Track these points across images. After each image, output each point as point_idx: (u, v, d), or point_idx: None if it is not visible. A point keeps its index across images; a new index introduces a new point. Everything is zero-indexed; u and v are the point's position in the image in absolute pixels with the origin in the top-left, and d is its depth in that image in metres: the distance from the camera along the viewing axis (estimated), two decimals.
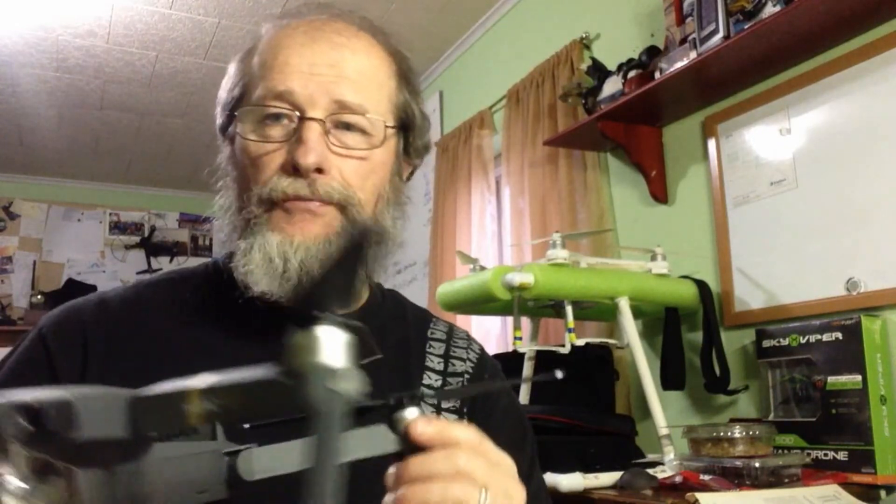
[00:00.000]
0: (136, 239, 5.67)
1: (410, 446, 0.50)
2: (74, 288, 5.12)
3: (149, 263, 5.66)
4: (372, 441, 0.49)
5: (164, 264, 5.66)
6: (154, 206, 5.75)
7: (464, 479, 0.50)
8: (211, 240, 5.93)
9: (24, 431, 0.33)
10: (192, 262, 5.61)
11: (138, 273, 5.51)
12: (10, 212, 5.31)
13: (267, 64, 0.73)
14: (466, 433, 0.53)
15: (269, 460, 0.48)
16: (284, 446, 0.49)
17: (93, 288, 5.07)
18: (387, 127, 0.76)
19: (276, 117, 0.72)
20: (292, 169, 0.71)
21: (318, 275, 0.39)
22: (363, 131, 0.74)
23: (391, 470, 0.51)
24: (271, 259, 0.70)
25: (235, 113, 0.75)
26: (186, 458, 0.45)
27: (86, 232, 5.51)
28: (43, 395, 0.34)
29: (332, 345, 0.38)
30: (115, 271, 5.51)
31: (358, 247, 0.37)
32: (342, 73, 0.73)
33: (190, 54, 3.51)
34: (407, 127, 0.80)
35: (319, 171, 0.71)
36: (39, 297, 5.11)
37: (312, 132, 0.71)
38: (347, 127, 0.73)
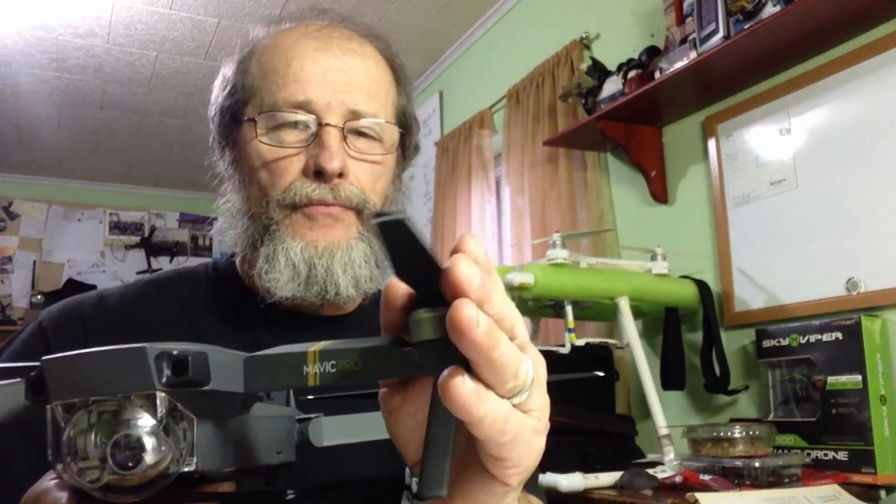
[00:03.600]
0: (136, 239, 5.68)
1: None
2: (74, 288, 5.11)
3: (149, 263, 5.66)
4: None
5: (164, 264, 5.66)
6: (154, 206, 5.75)
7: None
8: (211, 240, 5.93)
9: (169, 378, 0.36)
10: (192, 262, 5.63)
11: (138, 273, 5.51)
12: (10, 212, 5.31)
13: (279, 70, 0.73)
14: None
15: (337, 429, 0.50)
16: (352, 418, 0.50)
17: (93, 288, 5.05)
18: (396, 131, 0.78)
19: (293, 123, 0.73)
20: (314, 174, 0.72)
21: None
22: (375, 137, 0.76)
23: (469, 271, 0.36)
24: (295, 265, 0.71)
25: (244, 118, 0.75)
26: (271, 420, 0.47)
27: (86, 232, 5.51)
28: (182, 346, 0.37)
29: None
30: (115, 271, 5.51)
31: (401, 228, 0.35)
32: (354, 79, 0.74)
33: (190, 54, 3.51)
34: (405, 130, 0.81)
35: (340, 175, 0.72)
36: (39, 297, 5.11)
37: (333, 138, 0.72)
38: (360, 133, 0.75)
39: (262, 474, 0.49)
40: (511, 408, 0.36)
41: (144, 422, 0.35)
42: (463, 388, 0.34)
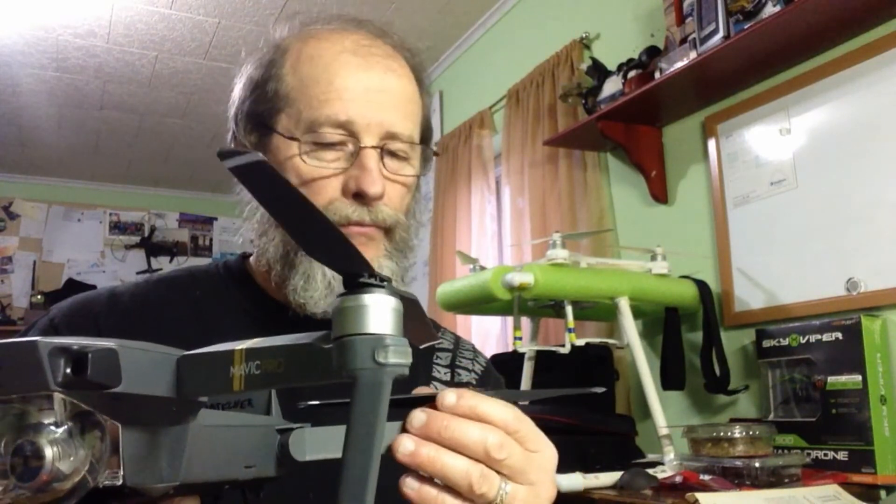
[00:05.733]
0: (136, 239, 5.68)
1: None
2: (74, 288, 5.11)
3: (149, 263, 5.66)
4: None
5: (164, 264, 5.66)
6: (154, 206, 5.75)
7: (491, 463, 0.46)
8: (211, 240, 5.93)
9: (66, 377, 0.31)
10: (192, 262, 5.62)
11: (138, 273, 5.51)
12: (10, 212, 5.31)
13: (321, 85, 0.73)
14: (504, 412, 0.47)
15: (324, 442, 0.45)
16: (341, 429, 0.45)
17: (93, 288, 5.05)
18: (422, 150, 0.79)
19: (333, 143, 0.73)
20: (353, 195, 0.72)
21: None
22: (405, 158, 0.76)
23: (416, 414, 0.45)
24: (330, 283, 0.72)
25: (277, 127, 0.74)
26: (237, 430, 0.43)
27: (86, 232, 5.51)
28: (88, 342, 0.32)
29: (382, 313, 0.35)
30: (115, 271, 5.51)
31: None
32: (392, 100, 0.75)
33: (190, 54, 3.51)
34: (426, 140, 0.82)
35: (378, 197, 0.73)
36: (39, 297, 5.12)
37: (373, 161, 0.72)
38: (392, 153, 0.75)
39: (240, 490, 0.44)
40: None
41: (46, 427, 0.31)
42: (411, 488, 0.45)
